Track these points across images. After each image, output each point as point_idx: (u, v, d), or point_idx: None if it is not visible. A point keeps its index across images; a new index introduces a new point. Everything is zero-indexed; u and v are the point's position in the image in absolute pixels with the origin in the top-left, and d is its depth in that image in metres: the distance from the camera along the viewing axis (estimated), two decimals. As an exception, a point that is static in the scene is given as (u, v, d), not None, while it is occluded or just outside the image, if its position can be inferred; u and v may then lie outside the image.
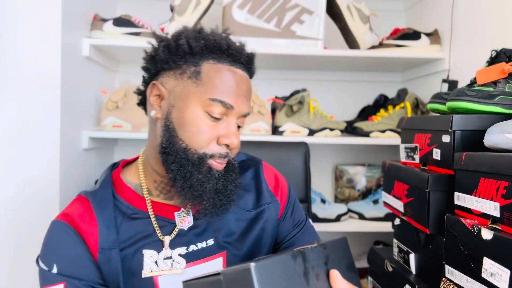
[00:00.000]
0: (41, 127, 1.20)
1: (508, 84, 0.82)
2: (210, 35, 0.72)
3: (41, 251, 0.72)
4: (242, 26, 1.42)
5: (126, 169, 0.80)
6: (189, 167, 0.68)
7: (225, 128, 0.70)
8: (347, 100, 1.83)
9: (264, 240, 0.80)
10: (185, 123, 0.68)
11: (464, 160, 0.75)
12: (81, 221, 0.70)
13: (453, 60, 1.43)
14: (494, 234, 0.65)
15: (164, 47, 0.72)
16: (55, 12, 1.19)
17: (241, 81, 0.71)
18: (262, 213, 0.80)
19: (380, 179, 1.73)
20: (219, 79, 0.69)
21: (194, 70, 0.70)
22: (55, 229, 0.72)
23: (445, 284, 0.76)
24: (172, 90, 0.71)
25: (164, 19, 1.53)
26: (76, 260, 0.69)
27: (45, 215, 1.21)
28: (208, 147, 0.69)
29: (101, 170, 1.60)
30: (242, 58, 0.73)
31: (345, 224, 1.53)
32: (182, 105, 0.69)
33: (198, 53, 0.70)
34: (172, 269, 0.72)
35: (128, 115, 1.45)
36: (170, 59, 0.71)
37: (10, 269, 1.20)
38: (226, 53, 0.71)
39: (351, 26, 1.48)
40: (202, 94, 0.68)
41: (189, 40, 0.70)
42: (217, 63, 0.70)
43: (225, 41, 0.71)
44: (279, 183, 0.85)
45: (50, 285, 0.69)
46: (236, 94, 0.70)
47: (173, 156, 0.68)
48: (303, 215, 0.88)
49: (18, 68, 1.18)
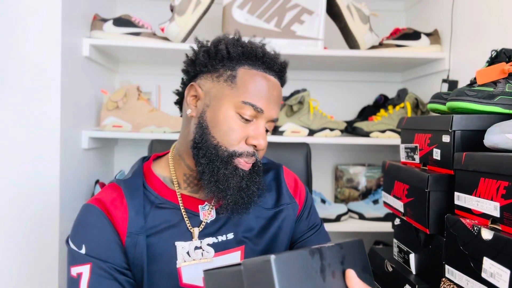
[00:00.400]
0: (41, 127, 1.20)
1: (508, 84, 0.82)
2: (248, 43, 0.78)
3: (72, 232, 0.75)
4: (242, 26, 1.42)
5: (156, 163, 0.85)
6: (218, 162, 0.73)
7: (254, 130, 0.75)
8: (347, 100, 1.83)
9: (280, 238, 0.84)
10: (218, 122, 0.74)
11: (464, 160, 0.75)
12: (112, 206, 0.74)
13: (453, 60, 1.43)
14: (494, 234, 0.65)
15: (204, 51, 0.78)
16: (55, 12, 1.19)
17: (272, 87, 0.77)
18: (281, 213, 0.85)
19: (380, 179, 1.73)
20: (252, 84, 0.74)
21: (230, 74, 0.75)
22: (86, 212, 0.75)
23: (445, 284, 0.76)
24: (208, 91, 0.77)
25: (164, 19, 1.53)
26: (104, 243, 0.72)
27: (45, 215, 1.21)
28: (238, 146, 0.74)
29: (101, 170, 1.60)
30: (276, 66, 0.78)
31: (345, 224, 1.53)
32: (216, 105, 0.74)
33: (235, 58, 0.76)
34: (202, 258, 0.77)
35: (128, 115, 1.45)
36: (209, 63, 0.77)
37: (10, 268, 1.20)
38: (261, 60, 0.77)
39: (351, 26, 1.48)
40: (236, 97, 0.74)
41: (228, 46, 0.76)
42: (252, 69, 0.76)
43: (261, 49, 0.78)
44: (298, 187, 0.91)
45: (77, 264, 0.71)
46: (267, 99, 0.75)
47: (204, 151, 0.74)
48: (319, 220, 0.93)
49: (18, 68, 1.18)
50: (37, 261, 1.21)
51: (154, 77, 1.76)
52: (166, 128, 1.45)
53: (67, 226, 1.27)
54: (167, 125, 1.45)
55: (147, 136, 1.42)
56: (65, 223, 1.26)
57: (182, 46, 1.41)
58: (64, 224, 1.26)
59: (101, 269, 0.70)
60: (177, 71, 1.75)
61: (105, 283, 0.70)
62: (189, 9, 1.40)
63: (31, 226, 1.20)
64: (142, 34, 1.44)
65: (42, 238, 1.21)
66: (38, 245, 1.21)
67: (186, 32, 1.41)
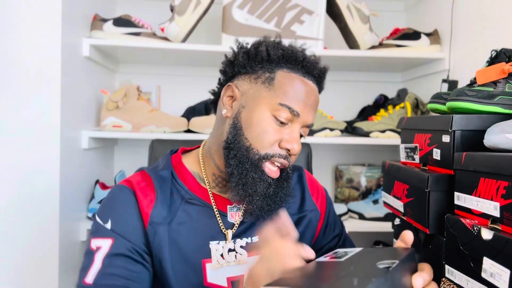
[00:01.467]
0: (41, 127, 1.20)
1: (508, 84, 0.82)
2: (288, 46, 0.77)
3: (100, 207, 0.76)
4: (242, 26, 1.42)
5: (187, 157, 0.84)
6: (248, 165, 0.72)
7: (289, 133, 0.74)
8: (347, 100, 1.83)
9: (301, 242, 0.82)
10: (252, 123, 0.73)
11: (464, 160, 0.75)
12: (140, 191, 0.75)
13: (453, 60, 1.43)
14: (494, 234, 0.65)
15: (244, 53, 0.77)
16: (55, 12, 1.19)
17: (310, 92, 0.75)
18: (303, 219, 0.85)
19: (380, 179, 1.73)
20: (290, 87, 0.73)
21: (269, 76, 0.75)
22: (118, 191, 0.76)
23: (445, 284, 0.76)
24: (245, 92, 0.76)
25: (164, 19, 1.53)
26: (130, 222, 0.72)
27: (45, 215, 1.21)
28: (270, 148, 0.73)
29: (101, 170, 1.60)
30: (315, 71, 0.77)
31: (345, 224, 1.53)
32: (252, 107, 0.74)
33: (274, 61, 0.75)
34: (236, 260, 0.77)
35: (128, 115, 1.45)
36: (248, 64, 0.76)
37: (10, 268, 1.20)
38: (300, 64, 0.76)
39: (351, 26, 1.48)
40: (272, 99, 0.73)
41: (268, 48, 0.76)
42: (291, 72, 0.75)
43: (301, 53, 0.76)
44: (319, 192, 0.90)
45: (99, 237, 0.71)
46: (304, 103, 0.74)
47: (235, 152, 0.73)
48: (340, 224, 0.93)
49: (18, 68, 1.18)
50: (37, 261, 1.21)
51: (154, 77, 1.76)
52: (166, 128, 1.45)
53: (67, 226, 1.27)
54: (167, 125, 1.45)
55: (147, 136, 1.42)
56: (65, 223, 1.26)
57: (182, 46, 1.42)
58: (64, 224, 1.26)
59: (121, 247, 0.70)
60: (177, 71, 1.76)
61: (119, 260, 0.69)
62: (189, 9, 1.40)
63: (31, 226, 1.20)
64: (142, 34, 1.44)
65: (42, 238, 1.21)
66: (38, 245, 1.21)
67: (186, 32, 1.41)
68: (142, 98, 1.49)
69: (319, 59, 0.79)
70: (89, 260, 0.69)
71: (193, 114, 1.54)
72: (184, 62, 1.68)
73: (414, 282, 0.58)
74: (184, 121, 1.47)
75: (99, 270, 0.68)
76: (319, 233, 0.88)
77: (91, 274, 0.68)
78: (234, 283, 0.77)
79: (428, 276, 0.59)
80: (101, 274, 0.67)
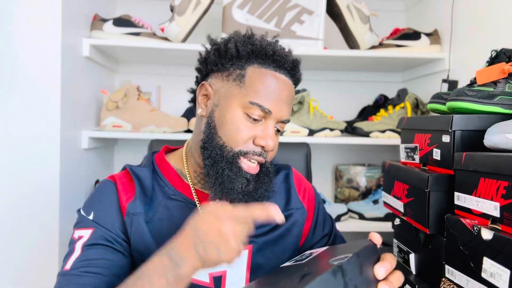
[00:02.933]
0: (41, 127, 1.20)
1: (508, 84, 0.82)
2: (258, 41, 0.76)
3: (85, 202, 0.78)
4: (242, 26, 1.42)
5: (171, 155, 0.85)
6: (222, 163, 0.72)
7: (263, 130, 0.74)
8: (347, 100, 1.83)
9: (288, 240, 0.83)
10: (225, 122, 0.73)
11: (464, 160, 0.75)
12: (121, 185, 0.77)
13: (453, 60, 1.43)
14: (494, 234, 0.65)
15: (215, 50, 0.77)
16: (55, 12, 1.19)
17: (282, 86, 0.74)
18: (290, 217, 0.84)
19: (380, 179, 1.73)
20: (261, 84, 0.73)
21: (239, 73, 0.74)
22: (101, 184, 0.79)
23: (445, 284, 0.76)
24: (218, 90, 0.76)
25: (164, 19, 1.53)
26: (110, 213, 0.74)
27: (45, 215, 1.21)
28: (244, 145, 0.73)
29: (101, 170, 1.60)
30: (286, 64, 0.76)
31: (345, 224, 1.53)
32: (225, 105, 0.74)
33: (244, 57, 0.74)
34: None
35: (128, 115, 1.45)
36: (219, 61, 0.76)
37: (11, 268, 1.20)
38: (271, 59, 0.75)
39: (351, 26, 1.48)
40: (244, 97, 0.72)
41: (237, 44, 0.75)
42: (262, 67, 0.74)
43: (271, 47, 0.75)
44: (306, 191, 0.90)
45: (81, 228, 0.73)
46: (277, 99, 0.73)
47: (210, 151, 0.73)
48: (330, 222, 0.92)
49: (18, 68, 1.18)
50: (37, 261, 1.21)
51: (154, 77, 1.76)
52: (166, 128, 1.45)
53: (67, 226, 1.27)
54: (167, 125, 1.45)
55: (147, 136, 1.42)
56: (65, 223, 1.26)
57: (182, 46, 1.41)
58: (64, 224, 1.26)
59: (101, 236, 0.72)
60: (177, 71, 1.76)
61: (97, 248, 0.71)
62: (189, 9, 1.40)
63: (31, 226, 1.20)
64: (142, 34, 1.44)
65: (42, 238, 1.21)
66: (38, 245, 1.21)
67: (186, 32, 1.41)
68: (142, 98, 1.49)
69: (290, 51, 0.78)
70: (71, 249, 0.71)
71: (193, 114, 1.54)
72: (184, 62, 1.68)
73: (376, 272, 0.60)
74: (184, 121, 1.47)
75: (77, 257, 0.69)
76: (308, 232, 0.88)
77: (70, 261, 0.69)
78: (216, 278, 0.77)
79: (389, 265, 0.61)
80: (78, 260, 0.69)
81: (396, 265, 0.63)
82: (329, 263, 0.57)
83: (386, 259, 0.62)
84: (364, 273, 0.58)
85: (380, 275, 0.59)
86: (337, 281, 0.53)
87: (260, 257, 0.80)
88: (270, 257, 0.81)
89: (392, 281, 0.60)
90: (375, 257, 0.62)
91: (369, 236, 0.66)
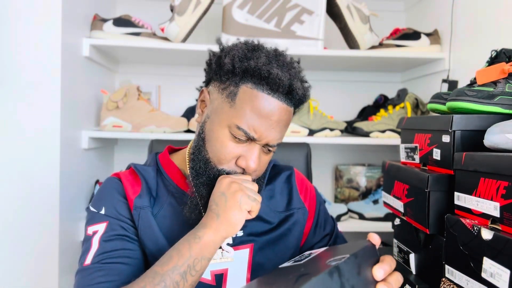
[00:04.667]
0: (41, 127, 1.20)
1: (508, 84, 0.82)
2: (255, 58, 0.71)
3: (93, 199, 0.79)
4: (242, 26, 1.42)
5: (175, 155, 0.86)
6: (203, 178, 0.73)
7: (247, 151, 0.72)
8: (347, 100, 1.83)
9: (289, 240, 0.84)
10: (212, 137, 0.73)
11: (464, 160, 0.75)
12: (128, 181, 0.78)
13: (453, 60, 1.43)
14: (494, 234, 0.65)
15: (217, 58, 0.75)
16: (55, 12, 1.19)
17: (273, 111, 0.70)
18: (291, 216, 0.85)
19: (380, 179, 1.73)
20: (249, 108, 0.70)
21: (232, 90, 0.72)
22: (108, 182, 0.80)
23: (445, 284, 0.76)
24: (213, 101, 0.75)
25: (164, 19, 1.53)
26: (121, 206, 0.76)
27: (45, 215, 1.21)
28: (226, 165, 0.72)
29: (101, 170, 1.60)
30: (281, 88, 0.70)
31: (345, 224, 1.53)
32: (215, 120, 0.73)
33: (239, 74, 0.71)
34: (223, 257, 0.78)
35: (128, 115, 1.45)
36: (218, 72, 0.74)
37: (10, 268, 1.20)
38: (265, 81, 0.70)
39: (351, 26, 1.48)
40: (232, 118, 0.71)
41: (234, 59, 0.71)
42: (255, 88, 0.70)
43: (267, 68, 0.69)
44: (308, 191, 0.90)
45: (95, 223, 0.74)
46: (264, 125, 0.70)
47: (195, 163, 0.74)
48: (332, 223, 0.93)
49: (18, 68, 1.18)
50: (37, 261, 1.21)
51: (154, 77, 1.76)
52: (166, 128, 1.45)
53: (67, 226, 1.27)
54: (167, 125, 1.45)
55: (147, 136, 1.42)
56: (65, 223, 1.26)
57: (182, 46, 1.41)
58: (64, 224, 1.26)
59: (116, 227, 0.73)
60: (177, 71, 1.76)
61: (115, 240, 0.71)
62: (189, 9, 1.40)
63: (31, 226, 1.20)
64: (142, 34, 1.44)
65: (42, 238, 1.21)
66: (38, 245, 1.21)
67: (186, 32, 1.41)
68: (142, 98, 1.49)
69: (289, 72, 0.72)
70: (87, 245, 0.71)
71: (193, 114, 1.54)
72: (184, 62, 1.68)
73: (375, 273, 0.60)
74: (184, 121, 1.47)
75: (96, 250, 0.70)
76: (309, 232, 0.88)
77: (90, 256, 0.70)
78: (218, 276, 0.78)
79: (388, 267, 0.61)
80: (99, 253, 0.70)
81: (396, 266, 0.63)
82: (327, 263, 0.57)
83: (386, 260, 0.62)
84: (362, 273, 0.58)
85: (379, 276, 0.59)
86: (334, 282, 0.53)
87: (261, 256, 0.80)
88: (271, 257, 0.81)
89: (391, 282, 0.60)
90: (373, 258, 0.62)
91: (368, 237, 0.66)
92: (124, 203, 0.76)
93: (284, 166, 0.92)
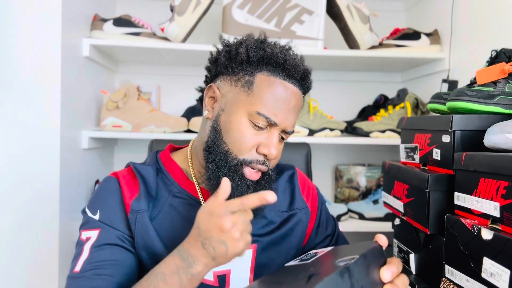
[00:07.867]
0: (41, 127, 1.20)
1: (508, 84, 0.82)
2: (269, 47, 0.74)
3: (90, 201, 0.78)
4: (242, 26, 1.42)
5: (176, 153, 0.85)
6: (225, 170, 0.72)
7: (267, 138, 0.73)
8: (347, 100, 1.83)
9: (291, 240, 0.84)
10: (230, 128, 0.72)
11: (464, 160, 0.75)
12: (125, 183, 0.77)
13: (453, 60, 1.43)
14: (494, 234, 0.65)
15: (226, 52, 0.76)
16: (55, 12, 1.19)
17: (290, 96, 0.74)
18: (293, 216, 0.85)
19: (380, 179, 1.73)
20: (268, 93, 0.72)
21: (248, 79, 0.73)
22: (105, 181, 0.79)
23: (445, 284, 0.76)
24: (225, 94, 0.75)
25: (164, 19, 1.53)
26: (116, 211, 0.75)
27: (45, 215, 1.21)
28: (248, 154, 0.73)
29: (101, 170, 1.60)
30: (297, 73, 0.74)
31: (345, 224, 1.53)
32: (231, 111, 0.73)
33: (254, 63, 0.73)
34: None
35: (128, 115, 1.45)
36: (229, 65, 0.75)
37: (10, 268, 1.20)
38: (281, 67, 0.73)
39: (351, 26, 1.48)
40: (251, 105, 0.72)
41: (249, 49, 0.73)
42: (271, 75, 0.73)
43: (282, 55, 0.73)
44: (310, 191, 0.90)
45: (88, 229, 0.74)
46: (283, 110, 0.73)
47: (214, 156, 0.73)
48: (333, 223, 0.93)
49: (18, 68, 1.18)
50: (37, 261, 1.21)
51: (154, 77, 1.76)
52: (166, 128, 1.45)
53: (67, 226, 1.27)
54: (167, 125, 1.45)
55: (147, 136, 1.42)
56: (65, 223, 1.26)
57: (182, 46, 1.42)
58: (64, 224, 1.26)
59: (108, 236, 0.72)
60: (177, 71, 1.76)
61: (106, 249, 0.71)
62: (189, 9, 1.40)
63: (31, 226, 1.20)
64: (142, 34, 1.44)
65: (42, 238, 1.21)
66: (38, 245, 1.21)
67: (186, 32, 1.41)
68: (142, 98, 1.49)
69: (301, 60, 0.77)
70: (79, 251, 0.72)
71: (193, 114, 1.54)
72: (184, 62, 1.68)
73: (382, 275, 0.60)
74: (184, 121, 1.47)
75: (86, 259, 0.70)
76: (311, 232, 0.88)
77: (79, 264, 0.70)
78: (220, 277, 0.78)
79: (396, 269, 0.61)
80: (88, 262, 0.70)
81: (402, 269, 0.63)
82: (336, 264, 0.57)
83: (393, 262, 0.61)
84: (370, 275, 0.58)
85: (387, 278, 0.59)
86: (344, 282, 0.53)
87: (264, 257, 0.80)
88: (274, 257, 0.81)
89: (398, 284, 0.60)
90: (381, 259, 0.62)
91: (375, 238, 0.65)
92: (120, 208, 0.75)
93: (286, 165, 0.92)
